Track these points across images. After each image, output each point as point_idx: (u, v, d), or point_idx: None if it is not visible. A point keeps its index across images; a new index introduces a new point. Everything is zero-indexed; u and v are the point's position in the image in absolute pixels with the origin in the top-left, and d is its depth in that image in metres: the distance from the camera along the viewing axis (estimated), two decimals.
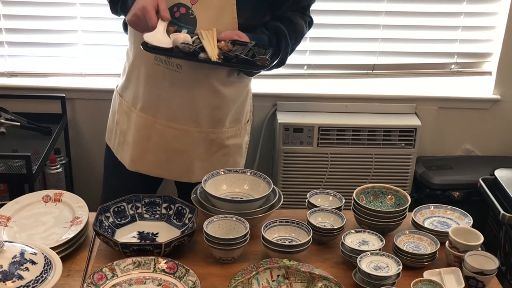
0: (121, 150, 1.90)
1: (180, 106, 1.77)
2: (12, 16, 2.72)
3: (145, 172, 1.88)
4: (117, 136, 1.91)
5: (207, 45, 1.60)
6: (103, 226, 1.57)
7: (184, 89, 1.75)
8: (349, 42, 2.80)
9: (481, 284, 1.43)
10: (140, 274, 1.43)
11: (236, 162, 1.93)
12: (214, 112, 1.80)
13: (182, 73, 1.71)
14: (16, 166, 2.34)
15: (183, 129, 1.80)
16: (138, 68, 1.79)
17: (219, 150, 1.87)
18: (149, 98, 1.79)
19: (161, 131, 1.81)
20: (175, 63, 1.71)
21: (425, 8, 2.74)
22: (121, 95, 1.88)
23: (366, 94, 2.82)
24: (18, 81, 2.77)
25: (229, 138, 1.87)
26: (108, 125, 1.98)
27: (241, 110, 1.88)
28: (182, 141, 1.81)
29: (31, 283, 1.25)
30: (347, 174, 2.80)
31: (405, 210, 1.61)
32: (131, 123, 1.85)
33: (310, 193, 1.71)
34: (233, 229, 1.53)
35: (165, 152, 1.84)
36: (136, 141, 1.85)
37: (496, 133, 2.91)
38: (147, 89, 1.78)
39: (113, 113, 1.94)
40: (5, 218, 1.58)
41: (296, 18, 1.79)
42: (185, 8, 1.67)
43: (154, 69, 1.74)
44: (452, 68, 2.85)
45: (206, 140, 1.83)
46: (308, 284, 1.38)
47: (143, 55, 1.74)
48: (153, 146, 1.83)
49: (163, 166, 1.86)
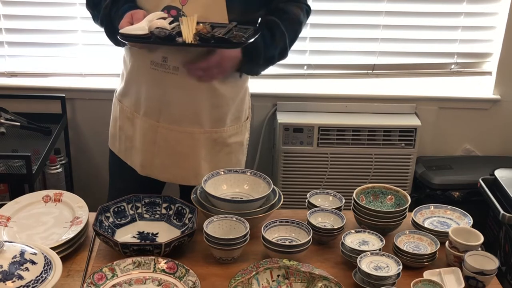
0: (130, 156, 1.90)
1: (181, 108, 1.77)
2: (12, 16, 2.72)
3: (155, 176, 1.88)
4: (123, 142, 1.91)
5: (184, 29, 1.57)
6: (103, 226, 1.57)
7: (183, 91, 1.75)
8: (349, 42, 2.80)
9: (481, 284, 1.43)
10: (140, 274, 1.42)
11: (238, 160, 1.93)
12: (215, 112, 1.80)
13: (180, 75, 1.71)
14: (16, 166, 2.34)
15: (186, 131, 1.80)
16: (136, 74, 1.79)
17: (222, 149, 1.87)
18: (151, 102, 1.79)
19: (164, 135, 1.81)
20: (171, 66, 1.71)
21: (425, 8, 2.74)
22: (121, 101, 1.88)
23: (366, 94, 2.83)
24: (18, 81, 2.77)
25: (231, 136, 1.87)
26: (110, 131, 1.97)
27: (241, 107, 1.88)
28: (185, 144, 1.81)
29: (31, 283, 1.25)
30: (347, 174, 2.80)
31: (405, 210, 1.61)
32: (136, 128, 1.85)
33: (310, 193, 1.71)
34: (233, 229, 1.53)
35: (170, 157, 1.83)
36: (143, 146, 1.85)
37: (496, 133, 2.91)
38: (148, 94, 1.78)
39: (114, 119, 1.94)
40: (5, 218, 1.58)
41: (290, 7, 1.77)
42: (175, 10, 1.67)
43: (151, 74, 1.74)
44: (452, 68, 2.85)
45: (209, 141, 1.83)
46: (308, 284, 1.38)
47: (139, 61, 1.75)
48: (159, 151, 1.83)
49: (171, 171, 1.86)
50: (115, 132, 1.93)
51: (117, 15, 1.66)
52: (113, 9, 1.70)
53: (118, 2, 1.70)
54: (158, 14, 1.63)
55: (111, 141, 1.97)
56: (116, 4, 1.70)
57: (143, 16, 1.60)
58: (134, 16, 1.61)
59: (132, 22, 1.60)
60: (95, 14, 1.77)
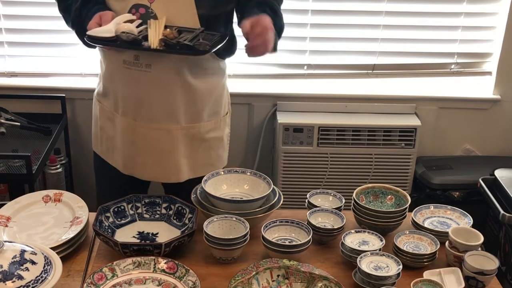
0: (112, 155, 1.90)
1: (156, 106, 1.77)
2: (12, 16, 2.72)
3: (137, 176, 1.88)
4: (104, 142, 1.91)
5: (151, 33, 1.59)
6: (103, 226, 1.57)
7: (157, 88, 1.75)
8: (349, 42, 2.80)
9: (481, 284, 1.43)
10: (140, 274, 1.43)
11: (219, 156, 1.93)
12: (190, 107, 1.80)
13: (153, 72, 1.71)
14: (16, 166, 2.34)
15: (163, 128, 1.80)
16: (112, 73, 1.80)
17: (201, 145, 1.86)
18: (127, 101, 1.79)
19: (143, 133, 1.81)
20: (143, 64, 1.71)
21: (425, 8, 2.74)
22: (101, 101, 1.88)
23: (366, 94, 2.82)
24: (18, 81, 2.77)
25: (209, 131, 1.87)
26: (93, 132, 1.97)
27: (219, 102, 1.88)
28: (164, 141, 1.81)
29: (31, 283, 1.25)
30: (347, 174, 2.80)
31: (405, 210, 1.61)
32: (117, 128, 1.85)
33: (310, 193, 1.71)
34: (233, 229, 1.53)
35: (150, 155, 1.83)
36: (124, 145, 1.85)
37: (496, 133, 2.91)
38: (124, 93, 1.79)
39: (95, 119, 1.94)
40: (5, 218, 1.58)
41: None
42: (144, 8, 1.67)
43: (125, 73, 1.74)
44: (452, 68, 2.85)
45: (187, 137, 1.83)
46: (308, 284, 1.38)
47: (113, 61, 1.75)
48: (139, 150, 1.83)
49: (152, 169, 1.86)
50: (97, 133, 1.94)
51: (87, 17, 1.66)
52: (83, 11, 1.70)
53: (88, 4, 1.71)
54: (127, 16, 1.64)
55: (94, 141, 1.97)
56: (86, 6, 1.70)
57: (111, 18, 1.61)
58: (102, 18, 1.62)
59: (100, 24, 1.61)
60: (66, 17, 1.78)
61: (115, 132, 1.86)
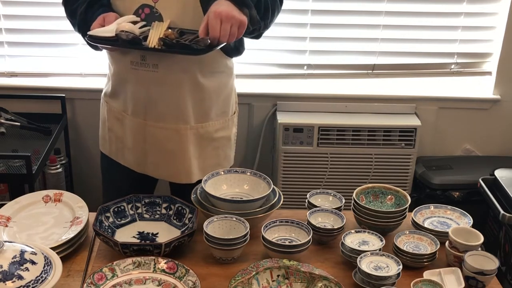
0: (122, 155, 1.90)
1: (165, 105, 1.78)
2: (12, 16, 2.72)
3: (150, 174, 1.89)
4: (114, 143, 1.91)
5: (152, 33, 1.61)
6: (103, 226, 1.57)
7: (165, 87, 1.75)
8: (349, 42, 2.80)
9: (481, 284, 1.43)
10: (140, 274, 1.43)
11: (226, 155, 1.93)
12: (199, 106, 1.80)
13: (160, 71, 1.71)
14: (16, 166, 2.34)
15: (172, 128, 1.80)
16: (120, 74, 1.80)
17: (209, 144, 1.87)
18: (136, 102, 1.80)
19: (152, 133, 1.82)
20: (150, 64, 1.71)
21: (425, 8, 2.74)
22: (109, 102, 1.89)
23: (366, 94, 2.83)
24: (18, 81, 2.77)
25: (217, 130, 1.87)
26: (100, 133, 1.97)
27: (226, 102, 1.88)
28: (173, 141, 1.82)
29: (31, 283, 1.25)
30: (347, 174, 2.80)
31: (405, 210, 1.61)
32: (126, 128, 1.86)
33: (310, 193, 1.71)
34: (233, 229, 1.53)
35: (161, 154, 1.84)
36: (135, 145, 1.86)
37: (496, 133, 2.91)
38: (132, 93, 1.79)
39: (103, 120, 1.94)
40: (5, 218, 1.58)
41: None
42: (149, 8, 1.68)
43: (133, 73, 1.74)
44: (452, 68, 2.85)
45: (196, 137, 1.83)
46: (308, 284, 1.38)
47: (120, 62, 1.76)
48: (150, 149, 1.84)
49: (164, 168, 1.87)
50: (105, 134, 1.94)
51: (92, 20, 1.67)
52: (88, 14, 1.71)
53: (93, 7, 1.71)
54: (130, 18, 1.65)
55: (101, 142, 1.98)
56: (91, 9, 1.71)
57: (114, 19, 1.63)
58: (106, 19, 1.63)
59: (103, 25, 1.62)
60: (73, 22, 1.78)
61: (124, 132, 1.86)
